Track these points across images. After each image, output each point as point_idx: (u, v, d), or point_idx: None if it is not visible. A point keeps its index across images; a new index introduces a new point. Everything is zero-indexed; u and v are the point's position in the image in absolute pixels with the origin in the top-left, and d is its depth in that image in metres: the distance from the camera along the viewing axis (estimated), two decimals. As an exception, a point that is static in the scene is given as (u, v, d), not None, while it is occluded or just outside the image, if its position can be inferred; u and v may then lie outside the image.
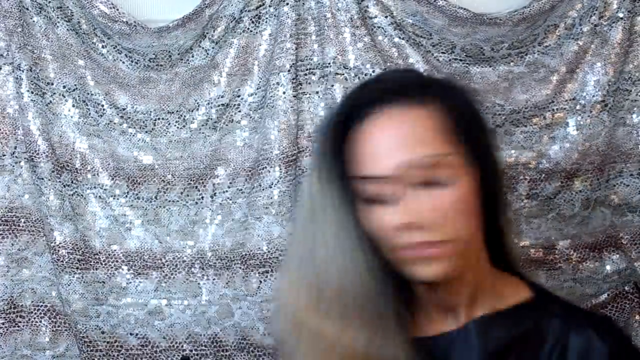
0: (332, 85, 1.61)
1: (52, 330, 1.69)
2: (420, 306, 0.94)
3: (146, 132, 1.65)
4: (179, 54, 1.64)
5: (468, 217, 0.86)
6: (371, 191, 0.86)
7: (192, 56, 1.63)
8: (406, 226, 0.83)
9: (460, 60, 1.63)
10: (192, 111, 1.63)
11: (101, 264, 1.64)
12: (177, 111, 1.64)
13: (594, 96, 1.63)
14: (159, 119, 1.65)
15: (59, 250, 1.62)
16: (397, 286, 0.90)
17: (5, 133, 1.65)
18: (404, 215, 0.83)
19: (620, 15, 1.61)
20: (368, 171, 0.85)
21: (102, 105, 1.65)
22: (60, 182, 1.63)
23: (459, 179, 0.85)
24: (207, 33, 1.61)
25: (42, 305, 1.69)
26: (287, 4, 1.60)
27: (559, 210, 1.66)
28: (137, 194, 1.65)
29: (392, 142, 0.85)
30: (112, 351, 1.64)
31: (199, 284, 1.65)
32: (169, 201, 1.65)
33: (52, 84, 1.64)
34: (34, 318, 1.68)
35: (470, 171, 0.87)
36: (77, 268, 1.62)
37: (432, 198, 0.84)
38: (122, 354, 1.64)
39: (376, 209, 0.86)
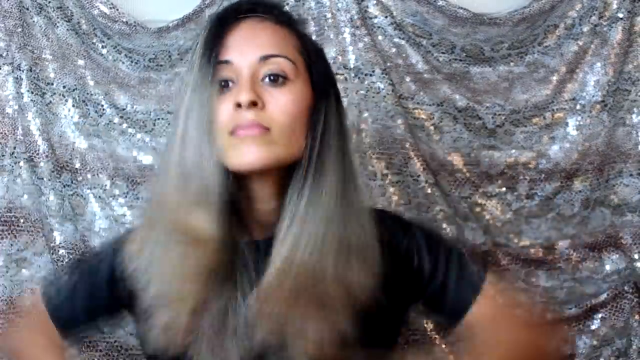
0: (333, 85, 1.61)
1: (52, 331, 1.69)
2: (252, 217, 1.01)
3: (146, 132, 1.65)
4: (178, 54, 1.64)
5: (296, 119, 0.96)
6: (222, 76, 0.96)
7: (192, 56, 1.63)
8: (238, 104, 0.93)
9: (460, 60, 1.64)
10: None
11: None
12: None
13: (593, 96, 1.63)
14: (158, 119, 1.64)
15: (58, 251, 1.62)
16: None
17: (5, 133, 1.65)
18: (241, 94, 0.93)
19: (620, 15, 1.61)
20: (225, 56, 0.96)
21: (102, 105, 1.65)
22: (60, 182, 1.63)
23: (297, 84, 0.97)
24: (207, 33, 1.61)
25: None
26: (287, 4, 1.60)
27: (558, 210, 1.66)
28: (136, 194, 1.65)
29: (255, 39, 0.97)
30: (112, 351, 1.64)
31: (198, 284, 1.65)
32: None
33: (52, 84, 1.64)
34: (34, 318, 1.68)
35: (308, 86, 0.99)
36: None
37: (269, 91, 0.95)
38: (122, 354, 1.64)
39: (222, 97, 0.95)
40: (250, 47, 0.97)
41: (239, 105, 0.93)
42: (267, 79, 0.96)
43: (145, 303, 0.97)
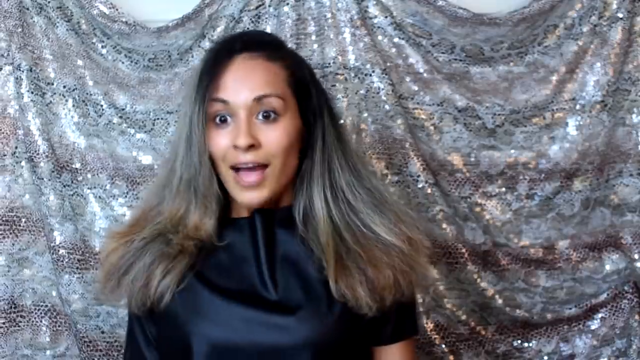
0: (333, 85, 1.61)
1: (53, 330, 1.69)
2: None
3: (145, 132, 1.65)
4: (178, 54, 1.64)
5: (290, 148, 1.10)
6: (217, 111, 1.08)
7: (192, 56, 1.63)
8: (243, 148, 1.05)
9: (460, 60, 1.64)
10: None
11: (101, 264, 1.64)
12: (176, 111, 1.63)
13: (593, 96, 1.63)
14: (158, 119, 1.65)
15: (58, 250, 1.62)
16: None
17: (6, 133, 1.66)
18: (240, 138, 1.06)
19: (620, 15, 1.61)
20: (221, 95, 1.08)
21: (102, 106, 1.65)
22: (60, 182, 1.63)
23: (287, 117, 1.09)
24: (206, 33, 1.61)
25: (42, 305, 1.69)
26: (287, 4, 1.60)
27: (558, 210, 1.66)
28: (136, 194, 1.65)
29: (250, 80, 1.09)
30: (112, 351, 1.64)
31: (198, 283, 1.65)
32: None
33: (52, 84, 1.64)
34: (35, 318, 1.69)
35: (296, 113, 1.12)
36: (77, 268, 1.62)
37: (263, 128, 1.08)
38: (122, 354, 1.64)
39: (220, 130, 1.09)
40: (244, 87, 1.08)
41: (235, 146, 1.06)
42: (260, 116, 1.08)
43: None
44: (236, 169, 1.08)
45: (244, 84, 1.09)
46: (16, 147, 1.66)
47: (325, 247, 1.09)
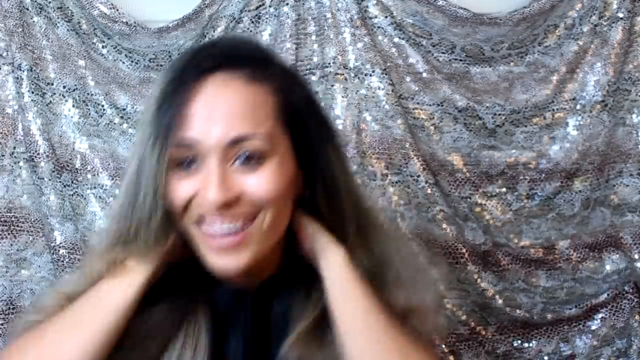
0: (332, 86, 1.61)
1: (52, 331, 1.69)
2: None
3: (146, 132, 1.64)
4: (178, 54, 1.64)
5: (281, 195, 0.84)
6: (182, 153, 0.82)
7: (192, 56, 1.63)
8: (215, 207, 0.80)
9: (460, 60, 1.64)
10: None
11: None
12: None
13: (594, 96, 1.63)
14: (158, 119, 1.64)
15: (59, 250, 1.62)
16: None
17: (5, 133, 1.65)
18: (216, 194, 0.79)
19: (620, 15, 1.61)
20: (187, 134, 0.81)
21: (102, 106, 1.65)
22: (60, 182, 1.63)
23: (276, 157, 0.83)
24: (207, 33, 1.61)
25: (41, 306, 1.69)
26: (287, 4, 1.60)
27: (558, 210, 1.66)
28: (136, 194, 1.64)
29: (220, 112, 0.81)
30: (112, 351, 1.64)
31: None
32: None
33: (52, 84, 1.64)
34: (33, 318, 1.68)
35: (289, 149, 0.86)
36: (77, 268, 1.62)
37: (244, 173, 0.82)
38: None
39: (183, 177, 0.83)
40: (216, 124, 0.81)
41: (204, 202, 0.81)
42: (238, 162, 0.82)
43: None
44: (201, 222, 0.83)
45: (216, 119, 0.81)
46: (14, 147, 1.66)
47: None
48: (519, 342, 1.69)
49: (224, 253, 0.82)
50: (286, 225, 0.88)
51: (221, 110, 0.81)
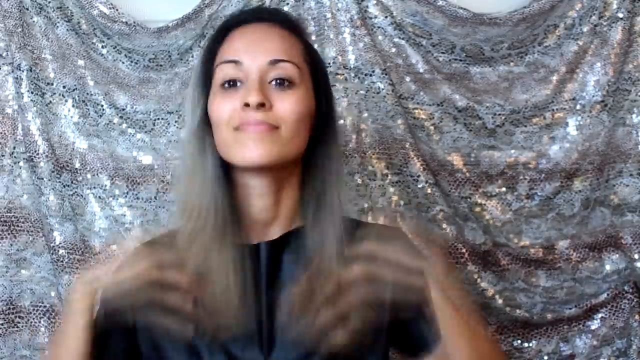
0: (333, 85, 1.60)
1: (51, 331, 1.69)
2: (250, 219, 1.05)
3: (146, 132, 1.64)
4: (178, 54, 1.64)
5: (301, 121, 1.01)
6: (226, 75, 1.01)
7: (192, 56, 1.63)
8: (246, 105, 0.97)
9: (460, 60, 1.64)
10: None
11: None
12: (176, 111, 1.63)
13: (593, 96, 1.63)
14: (158, 119, 1.64)
15: (58, 251, 1.62)
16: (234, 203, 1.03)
17: (5, 133, 1.65)
18: (251, 95, 0.96)
19: (620, 15, 1.61)
20: (231, 56, 1.01)
21: (102, 106, 1.64)
22: (60, 182, 1.63)
23: (302, 89, 1.01)
24: (206, 33, 1.61)
25: (41, 306, 1.68)
26: (287, 4, 1.60)
27: (558, 210, 1.66)
28: (136, 194, 1.64)
29: (265, 43, 1.01)
30: (112, 351, 1.64)
31: (198, 284, 1.65)
32: (169, 201, 1.65)
33: (52, 84, 1.63)
34: (33, 318, 1.68)
35: (311, 92, 1.04)
36: (77, 268, 1.62)
37: (277, 93, 0.99)
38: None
39: (227, 95, 1.00)
40: (259, 49, 1.00)
41: (247, 105, 0.97)
42: (274, 83, 1.00)
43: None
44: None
45: (259, 46, 1.01)
46: (14, 147, 1.65)
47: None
48: (519, 342, 1.69)
49: (256, 142, 0.97)
50: (301, 147, 1.02)
51: (263, 43, 1.01)
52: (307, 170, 1.06)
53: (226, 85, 1.01)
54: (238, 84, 1.00)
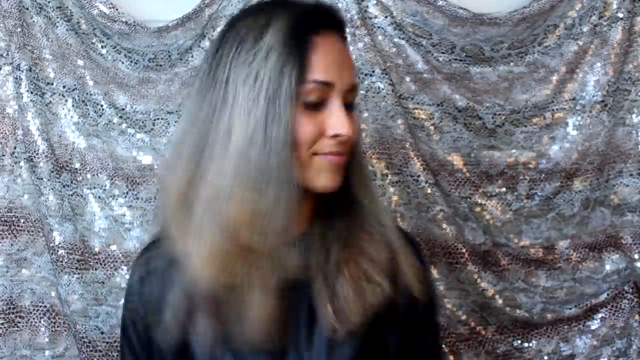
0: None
1: (52, 331, 1.69)
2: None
3: (145, 132, 1.65)
4: (178, 54, 1.64)
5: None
6: (314, 94, 0.94)
7: (192, 56, 1.63)
8: (345, 138, 0.95)
9: (460, 60, 1.64)
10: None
11: (100, 264, 1.64)
12: (176, 111, 1.64)
13: (593, 96, 1.63)
14: (158, 119, 1.64)
15: (58, 251, 1.62)
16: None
17: (5, 133, 1.65)
18: (348, 128, 0.94)
19: (620, 15, 1.61)
20: (322, 78, 0.94)
21: (102, 106, 1.65)
22: (59, 182, 1.63)
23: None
24: (206, 33, 1.61)
25: (41, 306, 1.69)
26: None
27: (558, 210, 1.66)
28: (136, 194, 1.65)
29: (342, 61, 0.97)
30: (111, 351, 1.64)
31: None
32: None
33: (52, 84, 1.64)
34: (33, 318, 1.68)
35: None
36: (77, 268, 1.62)
37: (351, 119, 0.97)
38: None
39: (311, 116, 0.94)
40: (344, 72, 0.96)
41: (336, 135, 0.94)
42: (346, 105, 0.96)
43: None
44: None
45: (343, 67, 0.96)
46: (15, 147, 1.66)
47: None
48: (519, 342, 1.69)
49: (333, 172, 0.96)
50: None
51: (344, 62, 0.97)
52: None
53: (310, 104, 0.94)
54: (319, 106, 0.95)
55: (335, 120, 0.94)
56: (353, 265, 0.99)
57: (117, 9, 1.60)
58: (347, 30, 1.59)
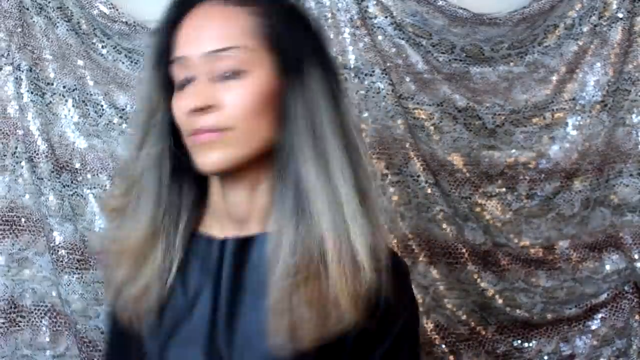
0: (332, 85, 1.61)
1: (52, 330, 1.69)
2: (214, 210, 0.99)
3: (146, 132, 1.65)
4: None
5: (259, 111, 0.89)
6: (179, 75, 0.91)
7: (192, 56, 1.63)
8: (192, 110, 0.88)
9: (460, 60, 1.64)
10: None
11: (101, 264, 1.64)
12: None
13: (593, 96, 1.63)
14: (158, 119, 1.64)
15: (58, 251, 1.62)
16: (194, 185, 0.97)
17: (6, 133, 1.65)
18: (192, 99, 0.88)
19: (620, 15, 1.61)
20: (176, 54, 0.91)
21: (102, 106, 1.65)
22: (59, 182, 1.63)
23: (256, 72, 0.89)
24: (207, 33, 1.61)
25: (42, 305, 1.69)
26: (287, 4, 1.60)
27: (558, 210, 1.66)
28: (136, 194, 1.65)
29: (203, 32, 0.90)
30: (112, 351, 1.64)
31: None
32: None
33: (52, 84, 1.64)
34: (34, 318, 1.68)
35: (272, 69, 0.91)
36: (77, 268, 1.62)
37: (225, 87, 0.89)
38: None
39: (180, 94, 0.91)
40: (199, 40, 0.89)
41: (192, 110, 0.88)
42: (222, 75, 0.89)
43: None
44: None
45: (199, 36, 0.89)
46: (16, 147, 1.66)
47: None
48: (519, 342, 1.69)
49: (206, 148, 0.89)
50: (270, 133, 0.91)
51: (203, 31, 0.90)
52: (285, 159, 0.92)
53: (182, 86, 0.91)
54: (189, 85, 0.90)
55: (185, 94, 0.90)
56: (312, 280, 0.88)
57: (117, 9, 1.60)
58: (347, 30, 1.61)
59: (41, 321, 1.68)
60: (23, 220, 1.68)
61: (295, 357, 0.87)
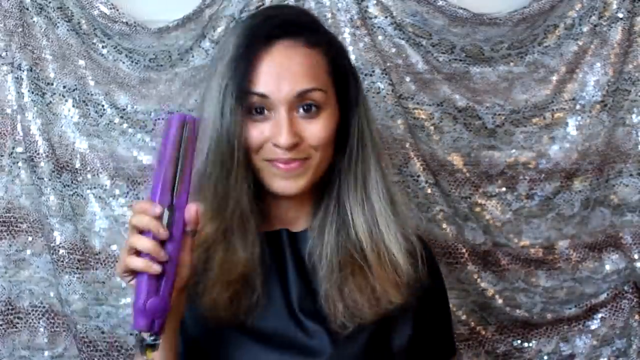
0: (333, 85, 1.61)
1: (50, 331, 1.69)
2: (271, 209, 1.12)
3: (146, 132, 1.64)
4: (178, 54, 1.64)
5: (329, 141, 1.06)
6: (253, 104, 1.02)
7: (192, 56, 1.63)
8: (285, 147, 1.01)
9: (460, 60, 1.64)
10: (192, 111, 1.63)
11: (101, 264, 1.64)
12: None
13: (593, 96, 1.63)
14: (159, 119, 1.64)
15: (58, 251, 1.62)
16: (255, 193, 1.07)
17: (4, 133, 1.65)
18: (288, 136, 1.00)
19: (620, 15, 1.62)
20: (259, 89, 1.01)
21: (102, 106, 1.64)
22: (60, 182, 1.62)
23: (328, 109, 1.05)
24: (207, 33, 1.61)
25: (40, 306, 1.68)
26: (287, 4, 1.60)
27: (558, 210, 1.66)
28: (136, 194, 1.64)
29: (287, 72, 1.02)
30: (112, 351, 1.63)
31: (198, 284, 1.65)
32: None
33: (52, 84, 1.63)
34: (32, 319, 1.68)
35: (336, 103, 1.07)
36: (77, 268, 1.62)
37: (306, 122, 1.03)
38: (122, 354, 1.63)
39: (257, 122, 1.03)
40: (285, 80, 1.01)
41: (276, 145, 1.01)
42: (301, 110, 1.02)
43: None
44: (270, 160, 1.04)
45: (285, 76, 1.01)
46: (13, 148, 1.65)
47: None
48: (519, 342, 1.69)
49: (288, 178, 1.03)
50: (330, 156, 1.08)
51: (289, 70, 1.02)
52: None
53: (254, 112, 1.03)
54: (265, 112, 1.03)
55: (275, 130, 1.02)
56: (358, 274, 1.07)
57: (117, 10, 1.60)
58: (347, 30, 1.61)
59: (39, 322, 1.68)
60: (20, 221, 1.67)
61: (357, 329, 1.04)
